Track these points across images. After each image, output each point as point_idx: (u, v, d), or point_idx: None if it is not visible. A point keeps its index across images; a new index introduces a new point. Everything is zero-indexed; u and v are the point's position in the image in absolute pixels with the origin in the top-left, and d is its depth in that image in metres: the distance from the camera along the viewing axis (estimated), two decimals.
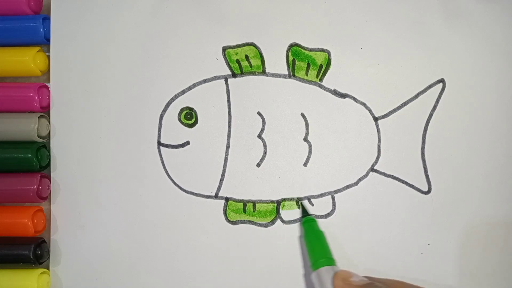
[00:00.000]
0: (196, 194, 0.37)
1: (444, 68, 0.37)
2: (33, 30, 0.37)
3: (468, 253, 0.36)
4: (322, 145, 0.37)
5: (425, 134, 0.37)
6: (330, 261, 0.33)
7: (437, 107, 0.37)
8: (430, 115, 0.37)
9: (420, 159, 0.37)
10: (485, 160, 0.37)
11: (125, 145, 0.37)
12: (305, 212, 0.37)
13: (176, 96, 0.37)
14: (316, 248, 0.34)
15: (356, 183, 0.37)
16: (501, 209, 0.36)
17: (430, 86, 0.37)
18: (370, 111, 0.37)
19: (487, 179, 0.37)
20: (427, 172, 0.37)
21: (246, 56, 0.37)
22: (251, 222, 0.37)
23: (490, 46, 0.37)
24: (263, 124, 0.37)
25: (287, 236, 0.37)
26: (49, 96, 0.37)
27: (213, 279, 0.37)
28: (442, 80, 0.37)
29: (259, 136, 0.37)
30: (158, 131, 0.37)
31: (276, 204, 0.37)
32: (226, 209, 0.37)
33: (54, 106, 0.37)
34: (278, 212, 0.37)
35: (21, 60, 0.36)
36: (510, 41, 0.37)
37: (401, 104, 0.37)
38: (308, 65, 0.37)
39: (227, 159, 0.37)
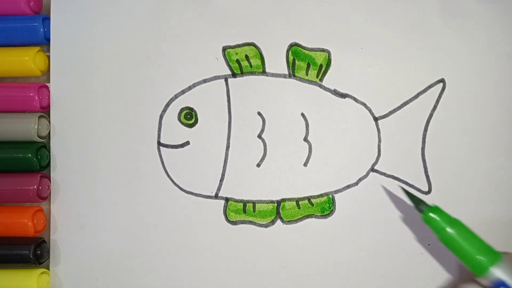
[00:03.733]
0: (196, 194, 0.37)
1: (444, 68, 0.37)
2: (33, 30, 0.37)
3: None
4: (322, 145, 0.37)
5: (425, 134, 0.37)
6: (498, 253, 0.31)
7: (437, 107, 0.37)
8: (430, 115, 0.37)
9: (420, 159, 0.37)
10: (485, 160, 0.37)
11: (125, 145, 0.37)
12: (420, 204, 0.32)
13: (176, 96, 0.37)
14: (475, 242, 0.31)
15: (356, 183, 0.37)
16: (501, 209, 0.36)
17: (430, 86, 0.37)
18: (370, 111, 0.37)
19: (487, 179, 0.36)
20: (427, 172, 0.37)
21: (246, 56, 0.37)
22: (251, 222, 0.37)
23: (490, 46, 0.37)
24: (263, 124, 0.37)
25: (287, 236, 0.37)
26: (49, 96, 0.37)
27: (213, 279, 0.37)
28: (442, 80, 0.37)
29: (259, 136, 0.37)
30: (158, 131, 0.37)
31: (276, 204, 0.37)
32: (226, 209, 0.37)
33: (54, 106, 0.37)
34: (278, 212, 0.37)
35: (21, 60, 0.36)
36: (510, 41, 0.37)
37: (401, 104, 0.37)
38: (308, 65, 0.37)
39: (227, 159, 0.37)
